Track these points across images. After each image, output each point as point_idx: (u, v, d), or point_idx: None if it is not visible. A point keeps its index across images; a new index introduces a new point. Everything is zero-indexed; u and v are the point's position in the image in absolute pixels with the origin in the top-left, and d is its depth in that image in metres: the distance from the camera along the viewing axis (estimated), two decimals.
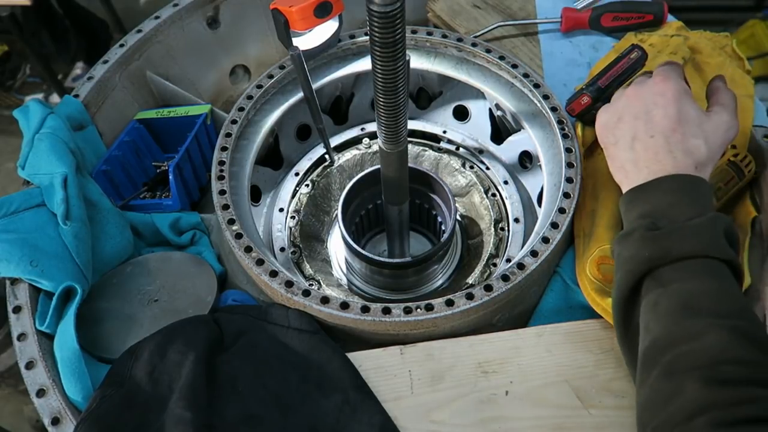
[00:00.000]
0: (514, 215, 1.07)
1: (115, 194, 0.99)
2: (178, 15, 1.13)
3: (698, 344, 0.59)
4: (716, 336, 0.59)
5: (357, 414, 0.70)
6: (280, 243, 1.06)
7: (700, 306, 0.62)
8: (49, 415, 0.71)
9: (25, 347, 0.75)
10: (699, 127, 0.72)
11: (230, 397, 0.72)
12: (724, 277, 0.64)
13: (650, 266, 0.66)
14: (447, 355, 0.76)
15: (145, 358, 0.74)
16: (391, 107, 0.72)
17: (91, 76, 1.03)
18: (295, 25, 0.83)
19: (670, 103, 0.73)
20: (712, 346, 0.58)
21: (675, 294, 0.64)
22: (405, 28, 0.63)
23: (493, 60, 1.03)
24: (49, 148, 0.86)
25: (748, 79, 1.00)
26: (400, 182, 0.89)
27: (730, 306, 0.62)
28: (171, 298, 0.85)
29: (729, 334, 0.58)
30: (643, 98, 0.75)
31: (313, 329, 0.78)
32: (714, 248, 0.64)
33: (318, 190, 1.15)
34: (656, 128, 0.73)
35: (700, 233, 0.65)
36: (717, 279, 0.63)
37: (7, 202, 0.82)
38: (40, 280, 0.78)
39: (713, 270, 0.64)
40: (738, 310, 0.62)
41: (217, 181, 0.90)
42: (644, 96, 0.75)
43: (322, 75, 1.08)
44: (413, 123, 1.21)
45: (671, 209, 0.68)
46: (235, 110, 0.99)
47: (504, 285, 0.78)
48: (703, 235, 0.65)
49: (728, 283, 0.64)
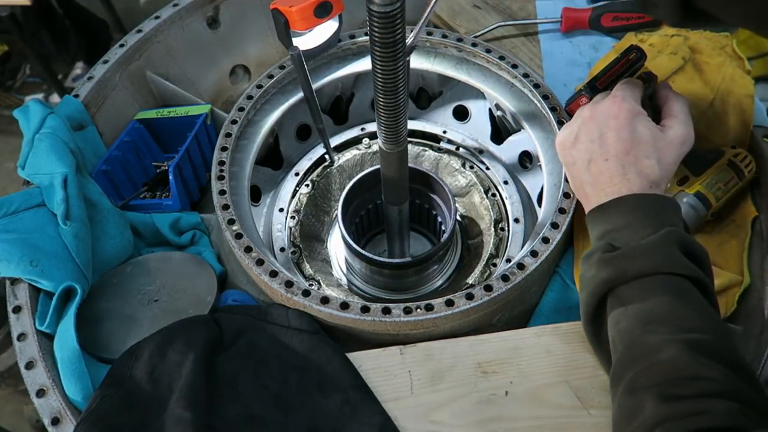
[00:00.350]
0: (514, 215, 1.07)
1: (115, 194, 0.99)
2: (178, 15, 1.13)
3: (655, 361, 0.61)
4: (671, 352, 0.61)
5: (357, 414, 0.70)
6: (280, 243, 1.06)
7: (658, 323, 0.64)
8: (49, 415, 0.71)
9: (25, 347, 0.75)
10: (652, 147, 0.74)
11: (230, 397, 0.72)
12: (683, 290, 0.65)
13: (609, 286, 0.68)
14: (447, 356, 0.76)
15: (145, 358, 0.74)
16: (391, 107, 0.72)
17: (91, 76, 1.03)
18: (295, 25, 0.83)
19: (623, 126, 0.75)
20: (668, 362, 0.60)
21: (634, 313, 0.66)
22: (405, 28, 0.63)
23: (493, 60, 1.03)
24: (49, 148, 0.86)
25: (748, 79, 0.99)
26: (400, 182, 0.89)
27: (686, 320, 0.63)
28: (171, 298, 0.85)
29: (683, 350, 0.60)
30: (597, 120, 0.77)
31: (313, 329, 0.78)
32: (667, 264, 0.66)
33: (318, 190, 1.15)
34: (610, 151, 0.75)
35: (654, 251, 0.67)
36: (672, 294, 0.65)
37: (7, 202, 0.82)
38: (40, 280, 0.78)
39: (669, 285, 0.65)
40: (695, 322, 0.63)
41: (217, 181, 0.90)
42: (598, 118, 0.77)
43: (322, 75, 1.08)
44: (413, 123, 1.21)
45: (627, 229, 0.70)
46: (235, 110, 0.99)
47: (504, 285, 0.78)
48: (656, 253, 0.66)
49: (686, 296, 0.65)
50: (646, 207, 0.71)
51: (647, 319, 0.64)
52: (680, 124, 0.76)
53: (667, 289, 0.65)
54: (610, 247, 0.70)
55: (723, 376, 0.58)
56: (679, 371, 0.59)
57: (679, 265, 0.66)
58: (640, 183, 0.73)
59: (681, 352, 0.60)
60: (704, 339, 0.61)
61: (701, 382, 0.58)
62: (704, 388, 0.57)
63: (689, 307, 0.64)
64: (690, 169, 0.89)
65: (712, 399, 0.56)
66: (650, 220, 0.69)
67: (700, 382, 0.58)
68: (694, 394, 0.57)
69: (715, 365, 0.59)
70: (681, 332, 0.62)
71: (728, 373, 0.59)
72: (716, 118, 0.96)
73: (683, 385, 0.58)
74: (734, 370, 0.59)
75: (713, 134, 0.95)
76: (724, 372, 0.58)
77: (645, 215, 0.70)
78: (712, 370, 0.58)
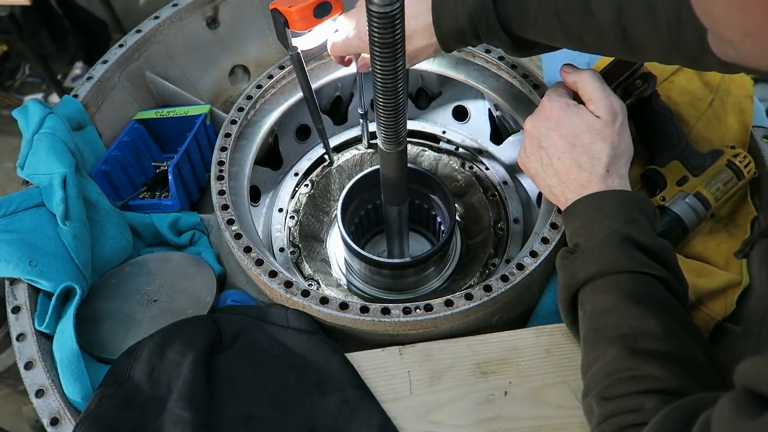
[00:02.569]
0: (513, 215, 1.07)
1: (114, 194, 0.99)
2: (178, 15, 1.13)
3: (599, 365, 0.64)
4: (612, 352, 0.63)
5: (356, 414, 0.70)
6: (279, 243, 1.06)
7: (605, 325, 0.66)
8: (48, 415, 0.71)
9: (24, 347, 0.75)
10: (593, 130, 0.75)
11: (229, 398, 0.72)
12: (632, 287, 0.66)
13: (570, 291, 0.71)
14: (446, 356, 0.76)
15: (144, 358, 0.74)
16: (390, 107, 0.72)
17: (91, 76, 1.03)
18: (295, 26, 0.83)
19: (560, 124, 0.77)
20: (609, 363, 0.63)
21: (587, 316, 0.69)
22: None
23: (492, 60, 1.03)
24: (48, 148, 0.86)
25: (747, 79, 1.00)
26: (400, 182, 0.89)
27: (630, 318, 0.64)
28: (170, 299, 0.85)
29: (622, 349, 0.62)
30: (537, 128, 0.80)
31: (312, 329, 0.78)
32: (614, 264, 0.67)
33: (317, 190, 1.15)
34: (558, 151, 0.77)
35: (599, 252, 0.69)
36: (620, 293, 0.66)
37: (7, 202, 0.82)
38: (39, 280, 0.78)
39: (618, 285, 0.67)
40: (638, 319, 0.64)
41: (217, 182, 0.90)
42: (537, 125, 0.80)
43: (322, 75, 1.08)
44: (413, 123, 1.21)
45: (582, 231, 0.73)
46: (235, 110, 0.99)
47: (503, 285, 0.78)
48: (601, 254, 0.68)
49: (636, 292, 0.66)
50: (603, 206, 0.72)
51: (596, 323, 0.66)
52: (599, 100, 0.77)
53: (615, 288, 0.66)
54: (568, 252, 0.74)
55: (664, 372, 0.59)
56: (619, 372, 0.61)
57: (626, 262, 0.66)
58: (598, 169, 0.74)
59: (620, 352, 0.62)
60: (647, 335, 0.62)
61: (638, 380, 0.60)
62: (641, 386, 0.59)
63: (635, 304, 0.65)
64: (689, 169, 0.89)
65: (647, 395, 0.58)
66: (603, 221, 0.71)
67: (638, 379, 0.60)
68: (629, 392, 0.59)
69: (655, 361, 0.60)
70: (624, 331, 0.64)
71: (671, 367, 0.60)
72: (715, 119, 0.97)
73: (621, 385, 0.60)
74: (678, 363, 0.60)
75: (712, 134, 0.95)
76: (666, 367, 0.60)
77: (599, 215, 0.71)
78: (652, 367, 0.60)
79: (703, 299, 0.84)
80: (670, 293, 0.67)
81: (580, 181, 0.75)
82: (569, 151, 0.76)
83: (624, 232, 0.68)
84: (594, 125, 0.76)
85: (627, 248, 0.67)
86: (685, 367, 0.61)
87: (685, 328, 0.64)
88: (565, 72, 0.82)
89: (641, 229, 0.69)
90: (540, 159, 0.80)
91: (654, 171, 0.91)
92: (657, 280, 0.67)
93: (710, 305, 0.84)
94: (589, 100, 0.78)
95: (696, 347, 0.63)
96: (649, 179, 0.92)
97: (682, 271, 0.70)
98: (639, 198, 0.73)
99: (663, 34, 0.66)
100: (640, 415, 0.57)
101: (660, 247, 0.68)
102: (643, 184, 0.94)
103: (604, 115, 0.76)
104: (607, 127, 0.75)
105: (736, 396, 0.43)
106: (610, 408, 0.60)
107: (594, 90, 0.77)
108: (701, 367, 0.62)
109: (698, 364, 0.62)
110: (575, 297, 0.71)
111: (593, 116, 0.76)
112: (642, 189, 0.94)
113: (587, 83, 0.78)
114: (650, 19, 0.66)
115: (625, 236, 0.68)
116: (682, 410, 0.53)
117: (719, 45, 0.44)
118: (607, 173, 0.74)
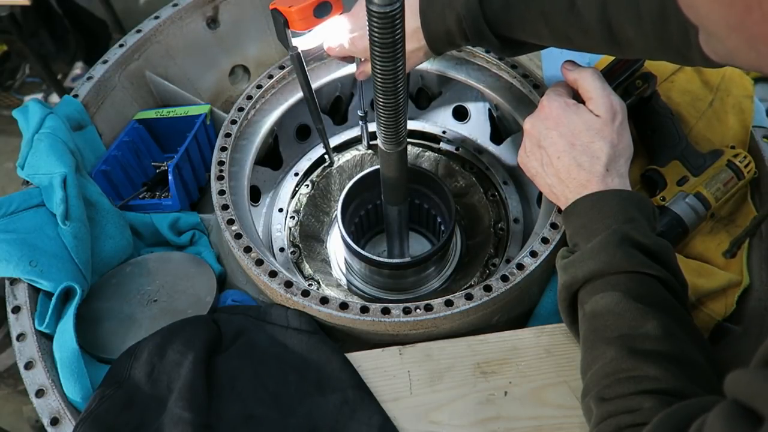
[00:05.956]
0: (513, 215, 1.07)
1: (114, 194, 0.99)
2: (178, 15, 1.13)
3: (598, 365, 0.64)
4: (611, 353, 0.63)
5: (356, 414, 0.70)
6: (279, 243, 1.06)
7: (604, 325, 0.66)
8: (48, 415, 0.71)
9: (24, 347, 0.75)
10: (592, 129, 0.75)
11: (229, 398, 0.72)
12: (630, 287, 0.66)
13: (569, 291, 0.71)
14: (446, 356, 0.76)
15: (145, 358, 0.74)
16: (390, 108, 0.72)
17: (91, 76, 1.03)
18: (295, 26, 0.83)
19: (559, 123, 0.77)
20: (608, 363, 0.63)
21: (586, 316, 0.69)
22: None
23: (492, 60, 1.03)
24: (48, 148, 0.86)
25: (747, 79, 1.00)
26: (400, 182, 0.89)
27: (628, 318, 0.64)
28: (170, 299, 0.85)
29: (621, 349, 0.62)
30: (536, 127, 0.80)
31: (312, 329, 0.78)
32: (612, 264, 0.67)
33: (317, 191, 1.15)
34: (558, 150, 0.77)
35: (597, 253, 0.68)
36: (618, 293, 0.66)
37: (7, 202, 0.82)
38: (39, 280, 0.78)
39: (616, 285, 0.67)
40: (636, 319, 0.64)
41: (217, 182, 0.90)
42: (536, 125, 0.80)
43: (322, 75, 1.08)
44: (413, 123, 1.21)
45: (581, 232, 0.73)
46: (235, 110, 0.99)
47: (503, 285, 0.78)
48: (599, 254, 0.68)
49: (634, 292, 0.66)
50: (602, 206, 0.72)
51: (596, 323, 0.66)
52: (599, 98, 0.77)
53: (615, 289, 0.66)
54: (567, 252, 0.74)
55: (663, 373, 0.59)
56: (618, 372, 0.61)
57: (626, 262, 0.66)
58: (597, 168, 0.74)
59: (619, 352, 0.62)
60: (646, 336, 0.62)
61: (637, 381, 0.60)
62: (639, 386, 0.59)
63: (635, 304, 0.65)
64: (689, 169, 0.89)
65: (646, 396, 0.58)
66: (602, 221, 0.71)
67: (636, 380, 0.60)
68: (628, 392, 0.59)
69: (654, 362, 0.60)
70: (623, 331, 0.64)
71: (669, 368, 0.60)
72: (716, 119, 0.97)
73: (619, 385, 0.60)
74: (677, 364, 0.60)
75: (712, 134, 0.96)
76: (665, 367, 0.60)
77: (599, 215, 0.71)
78: (651, 368, 0.60)
79: (703, 299, 0.84)
80: (669, 293, 0.67)
81: (579, 180, 0.75)
82: (569, 150, 0.76)
83: (623, 232, 0.68)
84: (593, 124, 0.76)
85: (626, 248, 0.67)
86: (684, 367, 0.61)
87: (684, 329, 0.64)
88: (566, 69, 0.81)
89: (641, 229, 0.69)
90: (540, 158, 0.80)
91: (654, 171, 0.91)
92: (656, 280, 0.67)
93: (710, 305, 0.84)
94: (589, 98, 0.78)
95: (695, 348, 0.63)
96: (649, 179, 0.92)
97: (681, 271, 0.70)
98: (638, 198, 0.73)
99: (647, 30, 0.66)
100: (638, 416, 0.57)
101: (659, 247, 0.68)
102: (643, 184, 0.94)
103: (604, 114, 0.76)
104: (607, 126, 0.75)
105: (728, 409, 0.42)
106: (608, 408, 0.60)
107: (594, 89, 0.77)
108: (700, 367, 0.62)
109: (697, 365, 0.62)
110: (575, 297, 0.71)
111: (593, 115, 0.76)
112: (642, 189, 0.94)
113: (588, 82, 0.78)
114: (634, 14, 0.66)
115: (625, 236, 0.68)
116: (677, 417, 0.52)
117: (709, 42, 0.44)
118: (607, 172, 0.74)
